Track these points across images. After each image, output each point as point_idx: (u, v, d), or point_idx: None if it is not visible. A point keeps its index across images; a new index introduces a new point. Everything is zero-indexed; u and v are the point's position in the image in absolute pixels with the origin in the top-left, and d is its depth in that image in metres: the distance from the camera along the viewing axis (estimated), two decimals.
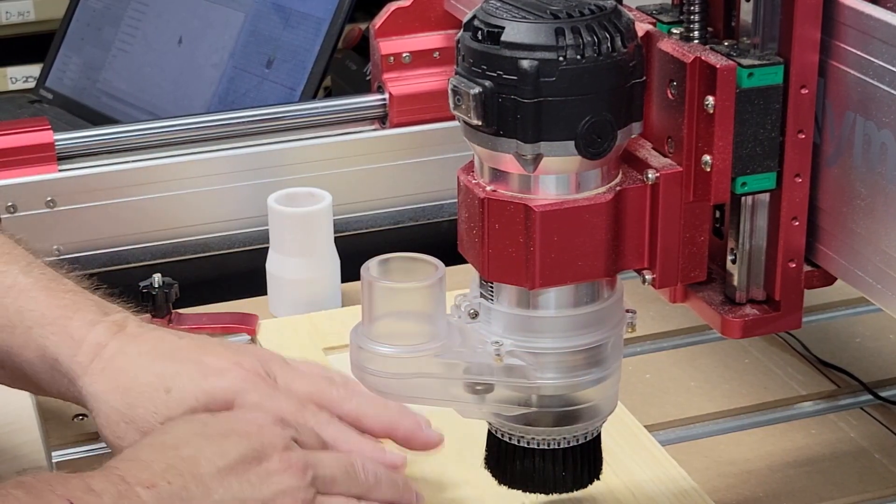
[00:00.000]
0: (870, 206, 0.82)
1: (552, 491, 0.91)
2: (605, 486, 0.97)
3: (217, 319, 1.23)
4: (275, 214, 1.24)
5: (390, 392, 0.89)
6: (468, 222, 0.85)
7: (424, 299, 0.87)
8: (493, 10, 0.80)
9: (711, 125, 0.81)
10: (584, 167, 0.82)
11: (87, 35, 1.84)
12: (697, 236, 0.85)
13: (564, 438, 0.89)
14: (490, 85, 0.79)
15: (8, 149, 1.30)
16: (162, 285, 1.20)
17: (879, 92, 0.79)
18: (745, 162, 0.82)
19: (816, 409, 1.13)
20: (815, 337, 1.20)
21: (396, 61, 1.38)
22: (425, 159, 1.38)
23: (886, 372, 1.16)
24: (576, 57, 0.78)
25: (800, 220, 0.85)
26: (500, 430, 0.90)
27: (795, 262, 0.86)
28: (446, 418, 1.02)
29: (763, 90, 0.81)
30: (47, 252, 1.30)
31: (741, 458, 1.06)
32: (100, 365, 0.93)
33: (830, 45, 0.82)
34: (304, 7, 1.61)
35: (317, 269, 1.25)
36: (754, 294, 0.87)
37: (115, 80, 1.78)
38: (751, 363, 1.18)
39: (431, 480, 1.01)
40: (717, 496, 1.01)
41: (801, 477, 1.04)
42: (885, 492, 1.02)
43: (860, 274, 0.84)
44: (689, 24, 0.84)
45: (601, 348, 0.87)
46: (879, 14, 0.79)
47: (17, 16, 2.06)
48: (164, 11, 1.75)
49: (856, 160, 0.82)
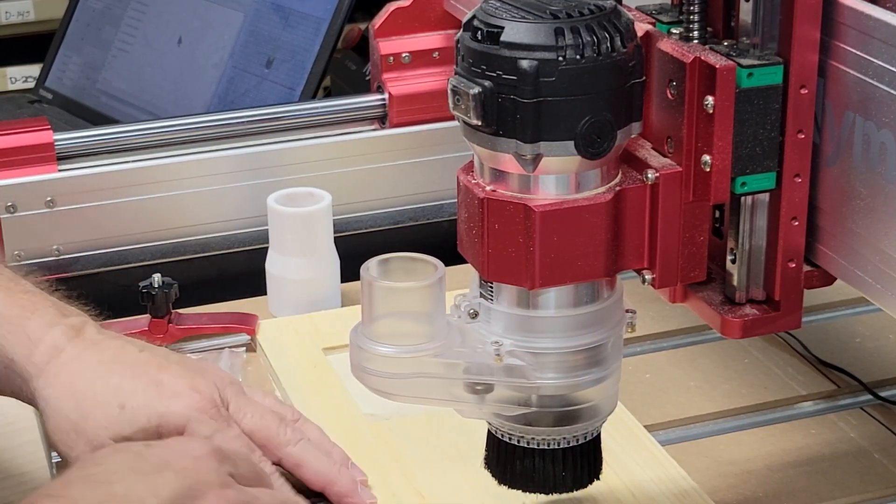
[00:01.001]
0: (869, 206, 0.82)
1: (552, 491, 0.91)
2: (605, 486, 0.96)
3: (217, 319, 1.23)
4: (275, 214, 1.24)
5: (390, 392, 0.89)
6: (468, 222, 0.85)
7: (424, 299, 0.87)
8: (493, 10, 0.80)
9: (711, 125, 0.81)
10: (583, 167, 0.82)
11: (86, 35, 1.84)
12: (697, 236, 0.85)
13: (564, 438, 0.89)
14: (489, 85, 0.79)
15: (8, 149, 1.29)
16: (162, 285, 1.20)
17: (879, 92, 0.79)
18: (745, 162, 0.82)
19: (816, 409, 1.13)
20: (815, 337, 1.20)
21: (396, 61, 1.38)
22: (425, 159, 1.38)
23: (886, 372, 1.16)
24: (575, 57, 0.78)
25: (799, 220, 0.85)
26: (500, 430, 0.90)
27: (795, 262, 0.86)
28: (446, 418, 1.02)
29: (763, 90, 0.81)
30: (47, 252, 1.30)
31: (741, 458, 1.06)
32: (55, 369, 0.92)
33: (830, 45, 0.82)
34: (304, 7, 1.61)
35: (317, 269, 1.25)
36: (754, 294, 0.87)
37: (115, 80, 1.78)
38: (751, 363, 1.18)
39: (431, 481, 1.01)
40: (717, 496, 1.01)
41: (801, 477, 1.04)
42: (885, 492, 1.02)
43: (860, 274, 0.84)
44: (688, 23, 0.84)
45: (601, 348, 0.87)
46: (879, 14, 0.79)
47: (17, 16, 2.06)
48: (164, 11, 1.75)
49: (855, 160, 0.82)
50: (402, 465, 1.03)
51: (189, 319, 1.22)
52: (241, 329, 1.22)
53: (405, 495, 1.00)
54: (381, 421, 1.08)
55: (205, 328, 1.21)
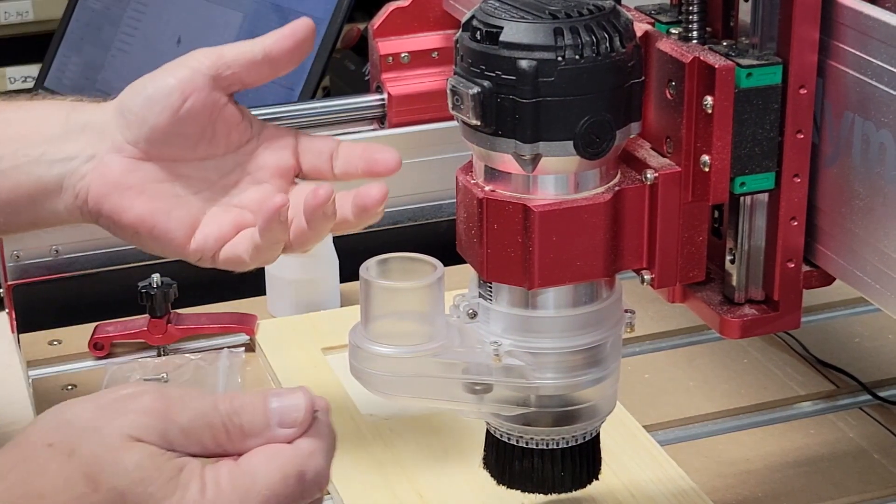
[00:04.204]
0: (868, 207, 0.82)
1: (551, 491, 0.91)
2: (605, 486, 0.97)
3: (216, 319, 1.23)
4: None
5: (389, 392, 0.89)
6: (467, 222, 0.85)
7: (423, 299, 0.87)
8: (492, 10, 0.80)
9: (710, 125, 0.81)
10: (582, 167, 0.82)
11: (86, 35, 1.84)
12: (696, 236, 0.85)
13: (563, 438, 0.89)
14: (489, 85, 0.79)
15: None
16: (161, 285, 1.20)
17: (878, 92, 0.79)
18: (744, 162, 0.82)
19: (815, 410, 1.13)
20: (814, 337, 1.20)
21: (395, 61, 1.38)
22: (424, 159, 1.38)
23: (885, 372, 1.16)
24: (574, 57, 0.78)
25: (798, 220, 0.85)
26: (499, 430, 0.90)
27: (794, 262, 0.86)
28: (446, 418, 1.02)
29: (762, 90, 0.81)
30: (46, 252, 1.30)
31: (740, 458, 1.06)
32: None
33: (829, 45, 0.82)
34: (303, 7, 1.61)
35: (316, 269, 1.25)
36: (753, 294, 0.87)
37: (115, 80, 1.78)
38: (750, 363, 1.18)
39: (431, 481, 1.01)
40: (717, 496, 1.01)
41: (800, 477, 1.04)
42: (885, 492, 1.02)
43: (859, 274, 0.84)
44: (687, 23, 0.84)
45: (600, 348, 0.87)
46: (878, 14, 0.79)
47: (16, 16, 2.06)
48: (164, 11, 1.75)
49: (854, 160, 0.82)
50: (402, 465, 1.03)
51: (188, 319, 1.22)
52: (240, 329, 1.22)
53: (405, 495, 1.00)
54: (381, 421, 1.08)
55: (204, 328, 1.21)
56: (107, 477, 0.70)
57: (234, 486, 0.72)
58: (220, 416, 0.74)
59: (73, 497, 0.70)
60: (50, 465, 0.71)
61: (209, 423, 0.73)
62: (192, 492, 0.71)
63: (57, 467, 0.71)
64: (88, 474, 0.70)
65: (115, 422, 0.72)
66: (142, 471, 0.70)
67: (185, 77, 0.96)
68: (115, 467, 0.70)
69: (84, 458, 0.70)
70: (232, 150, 0.98)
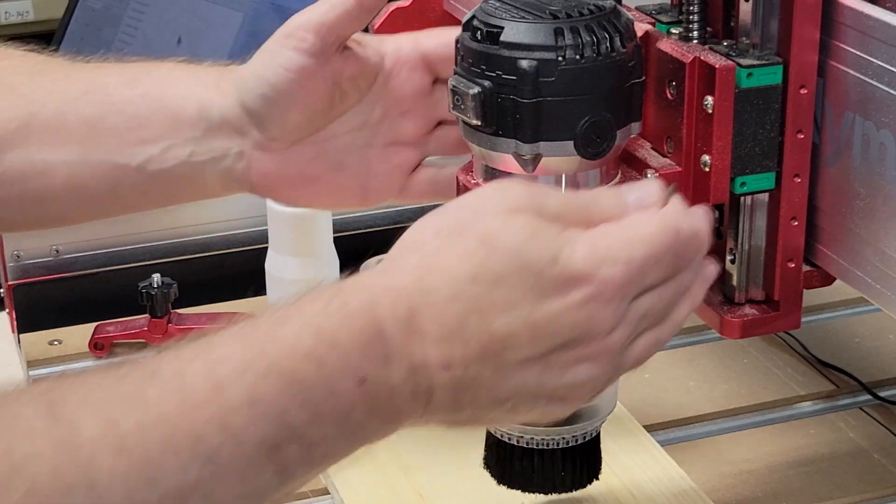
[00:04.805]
0: (869, 207, 0.82)
1: (551, 491, 0.91)
2: (605, 487, 0.97)
3: (216, 319, 1.23)
4: (274, 214, 1.24)
5: None
6: None
7: None
8: (493, 10, 0.80)
9: (710, 125, 0.81)
10: (583, 167, 0.81)
11: (86, 35, 1.84)
12: None
13: (563, 438, 0.89)
14: (489, 85, 0.79)
15: None
16: (161, 285, 1.20)
17: (879, 92, 0.79)
18: (744, 162, 0.82)
19: (815, 410, 1.13)
20: (815, 337, 1.20)
21: None
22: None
23: (885, 372, 1.16)
24: (575, 57, 0.78)
25: (799, 220, 0.85)
26: (499, 429, 0.89)
27: (794, 262, 0.86)
28: None
29: (762, 90, 0.81)
30: (46, 252, 1.30)
31: (740, 458, 1.06)
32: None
33: (830, 45, 0.82)
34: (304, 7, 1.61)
35: (316, 269, 1.25)
36: (753, 294, 0.87)
37: None
38: (750, 363, 1.18)
39: (431, 481, 1.01)
40: (717, 496, 1.01)
41: (801, 477, 1.04)
42: (885, 492, 1.02)
43: (859, 274, 0.84)
44: (688, 23, 0.84)
45: None
46: (879, 14, 0.79)
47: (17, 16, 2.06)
48: (164, 12, 1.75)
49: (855, 160, 0.82)
50: (402, 465, 1.03)
51: (188, 319, 1.22)
52: None
53: (405, 495, 1.00)
54: None
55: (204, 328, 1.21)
56: (502, 238, 0.73)
57: (618, 237, 0.75)
58: (582, 200, 0.77)
59: (474, 265, 0.73)
60: (444, 247, 0.75)
61: (575, 206, 0.76)
62: (580, 242, 0.74)
63: (451, 246, 0.75)
64: (483, 240, 0.74)
65: (493, 202, 0.75)
66: (530, 228, 0.73)
67: (296, 64, 0.93)
68: (505, 229, 0.73)
69: (475, 231, 0.74)
70: (365, 92, 0.95)
